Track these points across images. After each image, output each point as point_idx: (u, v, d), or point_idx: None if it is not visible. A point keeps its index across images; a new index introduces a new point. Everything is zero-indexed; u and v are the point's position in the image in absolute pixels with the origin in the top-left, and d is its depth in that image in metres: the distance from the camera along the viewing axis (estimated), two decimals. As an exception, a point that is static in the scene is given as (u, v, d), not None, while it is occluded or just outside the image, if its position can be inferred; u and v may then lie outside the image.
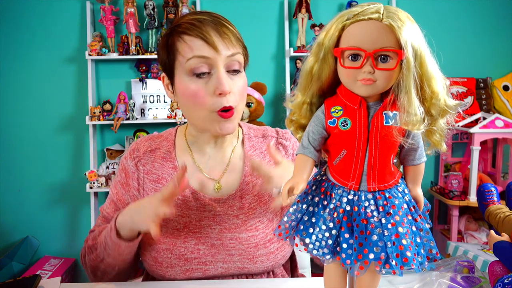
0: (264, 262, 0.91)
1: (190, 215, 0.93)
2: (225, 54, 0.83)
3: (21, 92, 2.51)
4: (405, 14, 0.54)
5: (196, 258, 0.90)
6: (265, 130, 1.05)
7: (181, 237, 0.91)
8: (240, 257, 0.91)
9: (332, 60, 0.57)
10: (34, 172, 2.54)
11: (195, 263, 0.90)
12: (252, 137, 1.02)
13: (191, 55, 0.83)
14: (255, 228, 0.93)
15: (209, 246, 0.90)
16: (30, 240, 2.50)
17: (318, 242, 0.56)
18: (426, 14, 2.50)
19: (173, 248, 0.90)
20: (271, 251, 0.92)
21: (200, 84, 0.84)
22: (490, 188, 0.86)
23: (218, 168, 0.97)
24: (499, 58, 2.57)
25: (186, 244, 0.90)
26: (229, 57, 0.84)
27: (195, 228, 0.92)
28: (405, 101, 0.52)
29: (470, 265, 0.84)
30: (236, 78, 0.87)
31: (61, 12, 2.46)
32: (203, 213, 0.93)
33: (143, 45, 2.43)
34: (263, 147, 1.01)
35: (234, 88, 0.85)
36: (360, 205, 0.56)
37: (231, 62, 0.85)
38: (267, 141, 1.02)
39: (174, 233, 0.91)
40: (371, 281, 0.59)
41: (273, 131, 1.05)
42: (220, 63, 0.83)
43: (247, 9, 2.50)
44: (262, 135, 1.03)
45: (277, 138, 1.03)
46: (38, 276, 0.84)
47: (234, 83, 0.86)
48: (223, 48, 0.83)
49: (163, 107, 2.49)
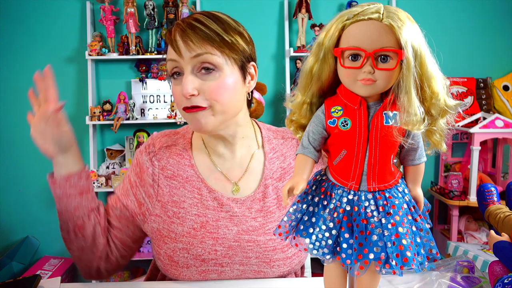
0: (280, 267, 0.91)
1: (207, 214, 0.91)
2: (188, 56, 0.83)
3: (21, 92, 2.49)
4: (405, 14, 0.54)
5: (213, 259, 0.89)
6: (285, 132, 1.04)
7: (198, 237, 0.89)
8: (257, 260, 0.90)
9: (332, 60, 0.57)
10: (34, 172, 2.54)
11: (211, 264, 0.89)
12: (272, 139, 1.01)
13: (167, 58, 0.88)
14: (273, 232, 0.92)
15: (227, 248, 0.89)
16: (30, 240, 2.50)
17: (318, 242, 0.56)
18: (426, 14, 2.50)
19: (190, 248, 0.89)
20: (288, 256, 0.91)
21: (176, 85, 0.87)
22: (490, 188, 0.86)
23: (237, 170, 0.96)
24: (499, 58, 2.57)
25: (203, 244, 0.89)
26: (194, 58, 0.83)
27: (212, 228, 0.90)
28: (405, 101, 0.52)
29: (470, 265, 0.84)
30: (209, 78, 0.85)
31: (61, 12, 2.47)
32: (220, 213, 0.91)
33: (143, 45, 2.43)
34: (284, 149, 1.00)
35: (203, 88, 0.84)
36: (360, 205, 0.56)
37: (199, 62, 0.84)
38: (287, 143, 1.01)
39: (191, 233, 0.90)
40: (371, 281, 0.59)
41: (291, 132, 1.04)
42: (185, 65, 0.84)
43: (247, 9, 2.50)
44: (281, 137, 1.02)
45: (296, 140, 1.01)
46: (38, 276, 0.84)
47: (205, 83, 0.84)
48: (186, 51, 0.83)
49: (163, 107, 2.49)
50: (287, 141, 1.01)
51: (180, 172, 0.94)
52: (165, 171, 0.94)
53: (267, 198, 0.94)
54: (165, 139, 0.99)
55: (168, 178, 0.94)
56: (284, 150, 1.00)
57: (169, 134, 1.01)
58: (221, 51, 0.84)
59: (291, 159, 0.99)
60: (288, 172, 0.98)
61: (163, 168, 0.95)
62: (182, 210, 0.92)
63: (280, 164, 0.98)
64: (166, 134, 1.01)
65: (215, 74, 0.85)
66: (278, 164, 0.98)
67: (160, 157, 0.95)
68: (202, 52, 0.83)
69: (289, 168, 0.98)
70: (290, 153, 1.00)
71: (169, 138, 0.99)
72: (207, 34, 0.83)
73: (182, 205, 0.92)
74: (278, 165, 0.98)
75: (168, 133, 1.01)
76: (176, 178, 0.94)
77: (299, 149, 0.59)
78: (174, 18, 2.37)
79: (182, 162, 0.95)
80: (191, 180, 0.94)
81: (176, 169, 0.94)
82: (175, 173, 0.94)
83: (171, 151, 0.96)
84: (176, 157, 0.96)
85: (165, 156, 0.96)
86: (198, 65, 0.84)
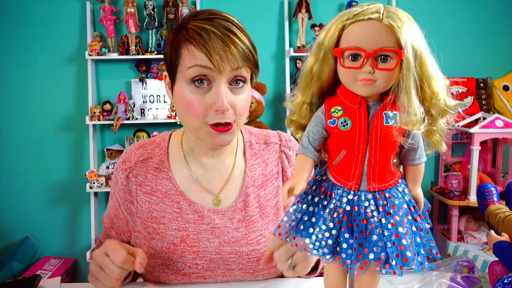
0: (265, 276, 0.90)
1: (187, 228, 0.88)
2: (228, 69, 0.78)
3: (21, 92, 2.50)
4: (405, 14, 0.54)
5: (194, 273, 0.88)
6: (267, 136, 1.00)
7: (177, 252, 0.87)
8: (240, 271, 0.89)
9: (332, 60, 0.57)
10: (34, 172, 2.54)
11: (193, 277, 0.88)
12: (254, 144, 0.97)
13: (192, 63, 0.78)
14: (256, 242, 0.89)
15: (208, 261, 0.87)
16: (30, 240, 2.50)
17: (318, 242, 0.56)
18: (426, 14, 2.50)
19: (169, 263, 0.87)
20: (273, 265, 0.87)
21: (197, 94, 0.79)
22: (490, 188, 0.86)
23: (217, 180, 0.93)
24: (499, 58, 2.57)
25: (183, 259, 0.87)
26: (233, 71, 0.78)
27: (192, 242, 0.88)
28: (405, 101, 0.52)
29: (470, 265, 0.84)
30: (240, 91, 0.81)
31: (61, 12, 2.46)
32: (200, 226, 0.89)
33: (143, 45, 2.43)
34: (265, 155, 0.96)
35: (235, 103, 0.80)
36: (360, 205, 0.56)
37: (235, 75, 0.79)
38: (269, 148, 0.98)
39: (170, 248, 0.87)
40: (371, 281, 0.59)
41: (275, 137, 1.00)
42: (221, 78, 0.78)
43: (247, 9, 2.50)
44: (264, 142, 0.98)
45: (280, 145, 0.98)
46: (38, 276, 0.84)
47: (236, 97, 0.80)
48: (227, 64, 0.77)
49: (163, 107, 2.49)
50: (269, 146, 0.98)
51: (158, 187, 0.90)
52: (143, 186, 0.91)
53: (249, 207, 0.91)
54: (140, 152, 0.94)
55: (147, 194, 0.90)
56: (265, 156, 0.96)
57: (144, 145, 0.96)
58: (252, 66, 0.82)
59: (273, 165, 0.96)
60: (269, 179, 0.95)
61: (140, 184, 0.91)
62: (162, 225, 0.89)
63: (262, 171, 0.95)
64: (141, 145, 0.96)
65: (244, 88, 0.82)
66: (259, 171, 0.95)
67: (137, 172, 0.91)
68: (241, 66, 0.79)
69: (271, 175, 0.95)
70: (272, 159, 0.97)
71: (144, 149, 0.94)
72: (245, 52, 0.79)
73: (161, 220, 0.89)
74: (259, 172, 0.95)
75: (143, 143, 0.96)
76: (155, 193, 0.90)
77: (299, 149, 0.59)
78: (174, 18, 2.37)
79: (159, 176, 0.91)
80: (170, 194, 0.90)
81: (154, 184, 0.91)
82: (154, 188, 0.91)
83: (147, 165, 0.92)
84: (153, 171, 0.91)
85: (142, 172, 0.91)
86: (232, 78, 0.80)
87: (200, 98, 0.79)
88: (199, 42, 0.77)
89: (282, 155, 0.97)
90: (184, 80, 0.80)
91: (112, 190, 0.96)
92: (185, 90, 0.80)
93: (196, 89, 0.79)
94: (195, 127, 0.82)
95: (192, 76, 0.78)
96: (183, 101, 0.81)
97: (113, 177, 0.96)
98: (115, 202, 0.95)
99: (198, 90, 0.79)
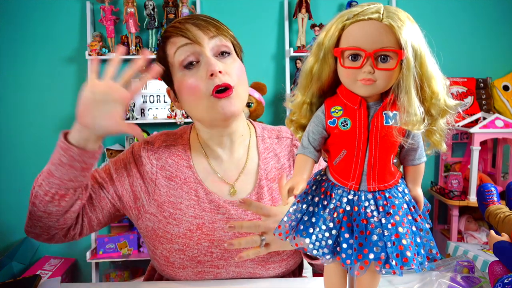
0: (276, 269, 0.91)
1: (203, 216, 0.91)
2: (206, 38, 0.84)
3: (21, 92, 2.50)
4: (405, 14, 0.53)
5: (209, 261, 0.89)
6: (280, 131, 1.03)
7: (194, 239, 0.89)
8: (252, 262, 0.90)
9: (332, 60, 0.57)
10: (34, 172, 2.50)
11: (207, 266, 0.89)
12: (266, 138, 1.01)
13: (175, 48, 0.86)
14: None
15: (222, 250, 0.90)
16: (30, 240, 2.50)
17: (318, 242, 0.56)
18: (426, 14, 2.50)
19: (186, 249, 0.89)
20: (284, 258, 0.91)
21: (192, 74, 0.85)
22: (490, 188, 0.87)
23: (233, 171, 0.96)
24: (499, 58, 2.57)
25: (199, 246, 0.89)
26: (212, 38, 0.85)
27: (208, 230, 0.90)
28: (405, 101, 0.52)
29: (470, 265, 0.84)
30: (228, 60, 0.87)
31: (61, 12, 2.46)
32: (216, 216, 0.91)
33: (143, 45, 2.43)
34: (278, 149, 0.99)
35: (227, 69, 0.85)
36: (360, 205, 0.56)
37: (217, 45, 0.86)
38: (281, 142, 1.01)
39: (187, 234, 0.90)
40: (371, 281, 0.59)
41: (287, 132, 1.03)
42: (205, 49, 0.84)
43: (247, 9, 2.50)
44: (276, 136, 1.02)
45: (291, 139, 1.01)
46: (38, 276, 0.84)
47: (227, 65, 0.85)
48: (203, 35, 0.84)
49: (163, 107, 2.49)
50: (282, 140, 1.01)
51: (178, 173, 0.93)
52: (164, 171, 0.93)
53: (263, 200, 0.94)
54: (163, 138, 0.98)
55: (166, 179, 0.93)
56: (278, 150, 0.99)
57: (168, 133, 1.00)
58: (228, 39, 0.88)
59: (285, 159, 0.99)
60: (282, 173, 0.97)
61: (161, 167, 0.94)
62: (179, 211, 0.91)
63: (274, 164, 0.98)
64: (165, 133, 1.00)
65: (232, 57, 0.88)
66: (272, 164, 0.98)
67: (159, 156, 0.94)
68: (217, 34, 0.86)
69: (283, 168, 0.98)
70: (284, 153, 1.00)
71: (168, 137, 0.98)
72: (215, 23, 0.87)
73: (179, 206, 0.91)
74: (272, 165, 0.98)
75: (166, 132, 1.01)
76: (174, 179, 0.93)
77: (299, 149, 0.59)
78: (174, 18, 2.37)
79: (180, 163, 0.94)
80: (189, 182, 0.93)
81: (174, 170, 0.94)
82: (174, 174, 0.94)
83: (170, 151, 0.95)
84: (175, 157, 0.95)
85: (164, 156, 0.95)
86: (216, 49, 0.86)
87: (196, 76, 0.85)
88: (175, 31, 0.87)
89: (293, 149, 1.00)
90: (177, 69, 0.87)
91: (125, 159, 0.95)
92: (182, 77, 0.86)
93: (190, 72, 0.85)
94: (203, 107, 0.85)
95: (180, 60, 0.85)
96: (185, 88, 0.86)
97: (129, 149, 0.97)
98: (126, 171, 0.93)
99: (191, 72, 0.85)
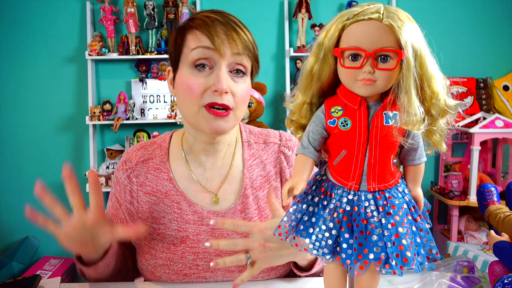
0: (264, 277, 0.90)
1: (187, 229, 0.89)
2: (229, 52, 0.80)
3: (21, 92, 2.50)
4: (405, 14, 0.53)
5: (195, 274, 0.88)
6: (267, 135, 0.99)
7: (178, 253, 0.88)
8: (240, 273, 0.87)
9: (332, 60, 0.57)
10: (34, 172, 2.54)
11: (194, 278, 0.89)
12: (253, 143, 0.97)
13: (196, 45, 0.81)
14: None
15: (208, 262, 0.87)
16: (30, 240, 2.50)
17: (318, 242, 0.56)
18: (426, 14, 2.50)
19: (170, 264, 0.88)
20: (273, 268, 0.89)
21: (199, 78, 0.81)
22: (490, 188, 0.86)
23: (216, 180, 0.93)
24: (499, 58, 2.58)
25: (183, 260, 0.88)
26: (234, 55, 0.81)
27: (192, 243, 0.88)
28: (405, 101, 0.52)
29: (470, 265, 0.84)
30: (240, 80, 0.83)
31: (61, 12, 2.47)
32: (200, 227, 0.89)
33: (143, 45, 2.43)
34: (264, 155, 0.96)
35: (234, 89, 0.82)
36: (360, 205, 0.56)
37: (236, 62, 0.82)
38: (268, 148, 0.97)
39: (171, 248, 0.88)
40: (371, 281, 0.59)
41: (276, 136, 0.99)
42: (222, 61, 0.80)
43: (247, 9, 2.50)
44: (263, 141, 0.98)
45: (279, 145, 0.97)
46: (38, 276, 0.84)
47: (236, 85, 0.82)
48: (228, 47, 0.80)
49: (163, 107, 2.49)
50: (268, 146, 0.97)
51: (159, 187, 0.91)
52: (144, 187, 0.92)
53: (248, 209, 0.91)
54: (141, 153, 0.95)
55: (147, 194, 0.91)
56: (264, 157, 0.96)
57: (145, 146, 0.97)
58: (250, 60, 0.84)
59: (271, 166, 0.96)
60: (268, 180, 0.95)
61: (141, 184, 0.92)
62: (162, 226, 0.89)
63: (260, 172, 0.95)
64: (142, 146, 0.97)
65: (245, 79, 0.85)
66: (257, 172, 0.94)
67: (138, 173, 0.92)
68: (242, 53, 0.82)
69: (269, 176, 0.95)
70: (270, 160, 0.96)
71: (145, 150, 0.95)
72: (246, 41, 0.83)
73: (161, 221, 0.90)
74: (257, 173, 0.94)
75: (144, 144, 0.97)
76: (155, 193, 0.91)
77: (299, 149, 0.59)
78: (174, 18, 2.37)
79: (160, 176, 0.92)
80: (170, 195, 0.91)
81: (155, 184, 0.91)
82: (154, 188, 0.91)
83: (148, 165, 0.93)
84: (154, 171, 0.92)
85: (143, 172, 0.92)
86: (233, 65, 0.82)
87: (201, 81, 0.81)
88: (203, 26, 0.81)
89: (280, 155, 0.97)
90: (187, 64, 0.82)
91: (113, 190, 0.97)
92: (187, 74, 0.82)
93: (198, 73, 0.82)
94: (193, 112, 0.83)
95: (195, 59, 0.81)
96: (184, 86, 0.83)
97: (113, 177, 0.97)
98: (115, 202, 0.95)
99: (200, 73, 0.81)
